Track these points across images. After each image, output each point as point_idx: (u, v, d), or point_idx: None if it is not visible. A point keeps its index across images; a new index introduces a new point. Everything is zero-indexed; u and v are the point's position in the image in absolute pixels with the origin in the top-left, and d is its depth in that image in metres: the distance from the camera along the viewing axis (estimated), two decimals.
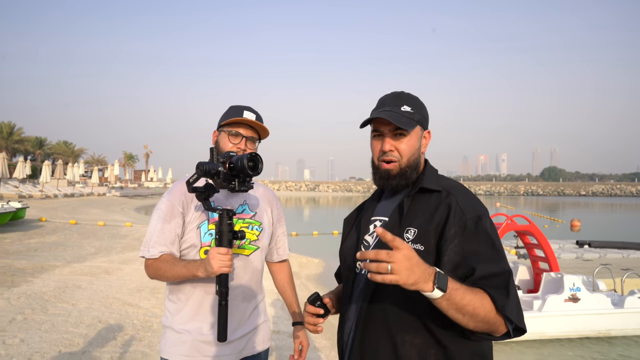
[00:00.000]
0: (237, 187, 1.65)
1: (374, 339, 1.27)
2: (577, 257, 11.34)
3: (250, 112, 1.84)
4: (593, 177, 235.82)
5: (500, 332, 1.14)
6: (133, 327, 5.12)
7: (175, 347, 1.77)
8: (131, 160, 70.57)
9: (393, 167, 1.34)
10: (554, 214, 35.11)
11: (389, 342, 1.25)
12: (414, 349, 1.22)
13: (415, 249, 1.24)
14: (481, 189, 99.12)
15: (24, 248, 10.63)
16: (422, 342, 1.22)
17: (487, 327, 1.12)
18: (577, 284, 6.31)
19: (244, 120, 1.80)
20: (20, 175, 31.06)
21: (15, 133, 54.41)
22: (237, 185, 1.65)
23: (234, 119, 1.80)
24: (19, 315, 5.32)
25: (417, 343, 1.23)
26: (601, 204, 62.21)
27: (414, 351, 1.22)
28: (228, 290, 1.63)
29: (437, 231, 1.24)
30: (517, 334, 1.17)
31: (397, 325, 1.24)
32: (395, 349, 1.24)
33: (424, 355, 1.22)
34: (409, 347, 1.23)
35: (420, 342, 1.22)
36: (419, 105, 1.39)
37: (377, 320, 1.27)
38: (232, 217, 1.62)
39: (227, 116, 1.84)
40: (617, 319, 6.42)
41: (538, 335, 6.31)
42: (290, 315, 2.04)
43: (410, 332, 1.23)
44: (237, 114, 1.82)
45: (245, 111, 1.83)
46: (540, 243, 6.95)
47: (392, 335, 1.25)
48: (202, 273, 1.62)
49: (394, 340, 1.24)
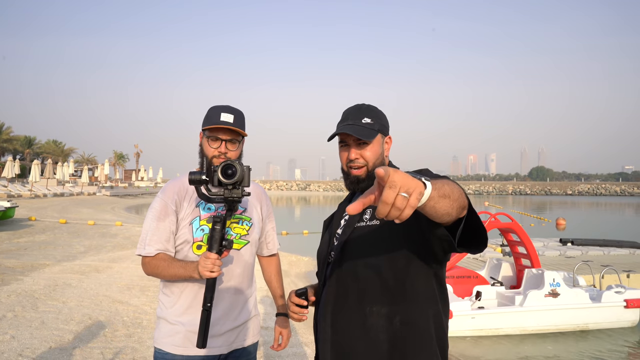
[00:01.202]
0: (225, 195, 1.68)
1: (345, 315, 1.43)
2: (560, 254, 11.60)
3: (228, 114, 1.83)
4: (579, 176, 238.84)
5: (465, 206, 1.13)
6: (123, 323, 5.20)
7: (169, 337, 1.83)
8: (121, 159, 70.01)
9: (362, 172, 1.53)
10: (540, 213, 35.58)
11: (359, 316, 1.40)
12: (382, 318, 1.37)
13: (371, 225, 1.43)
14: (470, 189, 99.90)
15: (14, 247, 10.62)
16: (389, 311, 1.37)
17: (462, 204, 1.11)
18: (557, 279, 6.52)
19: (222, 125, 1.81)
20: (9, 175, 30.79)
21: (4, 132, 53.71)
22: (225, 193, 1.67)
23: (212, 125, 1.82)
24: (9, 313, 5.38)
25: (384, 313, 1.37)
26: (587, 203, 63.09)
27: (382, 320, 1.37)
28: (213, 296, 1.67)
29: None
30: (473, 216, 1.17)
31: (365, 300, 1.40)
32: (365, 320, 1.39)
33: (391, 321, 1.37)
34: (377, 317, 1.38)
35: (387, 312, 1.37)
36: (378, 115, 1.57)
37: (347, 298, 1.43)
38: (225, 222, 1.67)
39: (207, 120, 1.86)
40: (595, 313, 6.64)
41: (519, 330, 6.51)
42: (276, 307, 2.13)
43: (377, 304, 1.38)
44: (215, 118, 1.82)
45: (222, 113, 1.83)
46: (522, 240, 7.14)
47: (361, 308, 1.40)
48: (196, 274, 1.69)
49: (363, 312, 1.39)
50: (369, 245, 1.42)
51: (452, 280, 6.85)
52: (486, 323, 6.42)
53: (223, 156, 1.83)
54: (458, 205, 1.08)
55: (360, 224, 1.46)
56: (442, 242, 1.24)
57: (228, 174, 1.65)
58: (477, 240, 1.19)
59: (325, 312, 1.47)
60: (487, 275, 7.55)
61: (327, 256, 1.55)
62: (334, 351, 1.43)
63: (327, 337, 1.45)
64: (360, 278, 1.41)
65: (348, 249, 1.45)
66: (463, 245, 1.20)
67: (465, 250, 1.22)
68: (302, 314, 1.61)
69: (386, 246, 1.39)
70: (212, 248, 1.65)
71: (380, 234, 1.40)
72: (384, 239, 1.39)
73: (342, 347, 1.41)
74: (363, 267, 1.41)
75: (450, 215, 1.08)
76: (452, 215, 1.09)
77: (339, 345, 1.42)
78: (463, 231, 1.17)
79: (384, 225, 1.40)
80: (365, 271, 1.40)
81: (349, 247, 1.45)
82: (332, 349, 1.43)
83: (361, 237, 1.44)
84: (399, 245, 1.37)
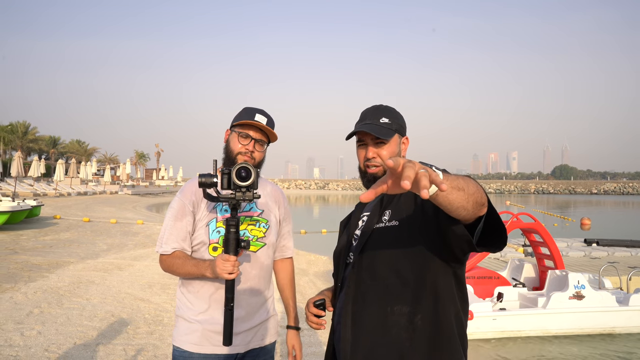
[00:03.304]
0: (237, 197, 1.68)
1: (366, 315, 1.42)
2: (585, 255, 11.31)
3: (262, 116, 1.90)
4: (605, 175, 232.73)
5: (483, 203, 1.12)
6: (144, 321, 5.29)
7: (187, 335, 1.86)
8: (142, 159, 71.20)
9: (378, 170, 1.54)
10: (564, 213, 34.81)
11: (380, 316, 1.39)
12: (403, 317, 1.37)
13: (390, 226, 1.43)
14: (491, 187, 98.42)
15: (40, 245, 10.91)
16: (410, 311, 1.37)
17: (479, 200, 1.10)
18: (581, 281, 6.35)
19: (255, 123, 1.87)
20: (35, 174, 31.63)
21: (30, 132, 55.31)
22: (237, 196, 1.68)
23: (245, 121, 1.88)
24: (36, 309, 5.52)
25: (405, 312, 1.37)
26: (613, 202, 61.39)
27: (404, 319, 1.36)
28: (233, 297, 1.69)
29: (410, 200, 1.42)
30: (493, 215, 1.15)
31: (386, 300, 1.39)
32: (386, 320, 1.38)
33: (412, 320, 1.36)
34: (398, 316, 1.37)
35: (408, 311, 1.37)
36: (396, 116, 1.59)
37: (368, 299, 1.42)
38: (238, 225, 1.69)
39: (239, 117, 1.91)
40: (622, 317, 6.45)
41: (542, 332, 6.37)
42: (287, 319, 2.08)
43: (398, 303, 1.38)
44: (249, 116, 1.89)
45: (257, 114, 1.89)
46: (545, 241, 6.98)
47: (382, 308, 1.39)
48: (210, 273, 1.73)
49: (384, 312, 1.39)
50: (388, 245, 1.42)
51: (473, 281, 6.74)
52: (508, 325, 6.30)
53: (249, 154, 1.88)
54: (474, 200, 1.07)
55: (379, 225, 1.46)
56: (462, 241, 1.22)
57: (242, 176, 1.67)
58: (496, 239, 1.18)
59: (345, 312, 1.47)
60: (508, 276, 7.41)
61: (346, 257, 1.55)
62: (354, 351, 1.42)
63: (348, 337, 1.44)
64: (380, 278, 1.41)
65: (367, 250, 1.45)
66: (482, 244, 1.19)
67: (484, 250, 1.20)
68: (321, 324, 1.63)
69: (405, 246, 1.39)
70: (229, 250, 1.67)
71: (400, 235, 1.40)
72: (403, 239, 1.39)
73: (363, 347, 1.41)
74: (383, 268, 1.41)
75: (466, 209, 1.07)
76: (467, 210, 1.08)
77: (360, 346, 1.41)
78: (482, 230, 1.16)
79: (403, 225, 1.40)
80: (385, 272, 1.41)
81: (368, 248, 1.45)
82: (352, 349, 1.43)
83: (380, 238, 1.44)
84: (418, 245, 1.37)
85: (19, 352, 4.15)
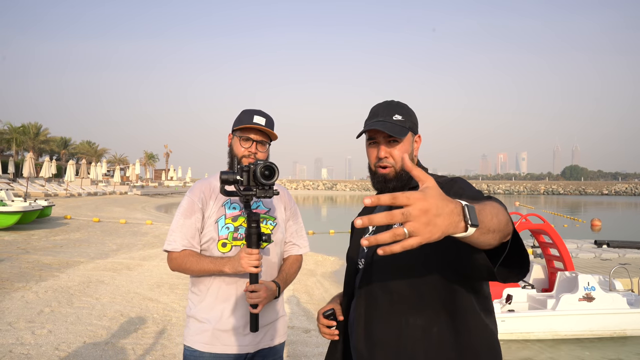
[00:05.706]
0: (258, 194, 1.74)
1: (378, 327, 1.35)
2: (595, 256, 11.20)
3: (260, 117, 1.92)
4: (616, 175, 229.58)
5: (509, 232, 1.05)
6: (153, 320, 5.33)
7: (197, 335, 1.88)
8: (152, 159, 71.75)
9: (389, 171, 1.44)
10: (574, 214, 34.44)
11: (394, 328, 1.33)
12: (418, 330, 1.30)
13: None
14: (500, 188, 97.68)
15: (50, 244, 11.04)
16: (424, 323, 1.30)
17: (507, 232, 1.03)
18: (591, 283, 6.28)
19: (254, 126, 1.89)
20: (46, 175, 31.98)
21: (42, 133, 55.95)
22: (258, 193, 1.74)
23: (245, 125, 1.90)
24: (47, 308, 5.59)
25: (420, 324, 1.30)
26: (624, 203, 60.63)
27: (419, 332, 1.30)
28: None
29: None
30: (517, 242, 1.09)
31: (400, 312, 1.33)
32: (400, 333, 1.31)
33: (427, 333, 1.29)
34: (413, 329, 1.30)
35: (423, 323, 1.30)
36: (409, 112, 1.49)
37: (380, 310, 1.35)
38: (259, 220, 1.74)
39: (239, 121, 1.94)
40: (633, 319, 6.37)
41: (551, 335, 6.31)
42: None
43: (412, 315, 1.31)
44: (248, 119, 1.91)
45: (255, 116, 1.91)
46: (554, 242, 6.92)
47: (396, 320, 1.33)
48: (229, 269, 1.76)
49: (398, 324, 1.32)
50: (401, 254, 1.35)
51: None
52: (517, 327, 6.25)
53: (253, 156, 1.90)
54: (501, 237, 0.99)
55: None
56: (482, 270, 1.10)
57: (266, 175, 1.72)
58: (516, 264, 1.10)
59: (357, 324, 1.41)
60: None
61: (357, 263, 1.49)
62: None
63: (362, 350, 1.38)
64: (392, 288, 1.34)
65: (378, 258, 1.37)
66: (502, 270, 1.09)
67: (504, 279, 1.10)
68: (334, 334, 1.55)
69: (418, 255, 1.28)
70: (252, 244, 1.72)
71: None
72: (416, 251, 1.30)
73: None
74: (395, 277, 1.34)
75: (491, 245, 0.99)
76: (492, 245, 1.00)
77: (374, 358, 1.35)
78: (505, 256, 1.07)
79: None
80: (398, 282, 1.33)
81: (379, 257, 1.35)
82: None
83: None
84: (432, 255, 1.28)
85: (30, 351, 4.21)
